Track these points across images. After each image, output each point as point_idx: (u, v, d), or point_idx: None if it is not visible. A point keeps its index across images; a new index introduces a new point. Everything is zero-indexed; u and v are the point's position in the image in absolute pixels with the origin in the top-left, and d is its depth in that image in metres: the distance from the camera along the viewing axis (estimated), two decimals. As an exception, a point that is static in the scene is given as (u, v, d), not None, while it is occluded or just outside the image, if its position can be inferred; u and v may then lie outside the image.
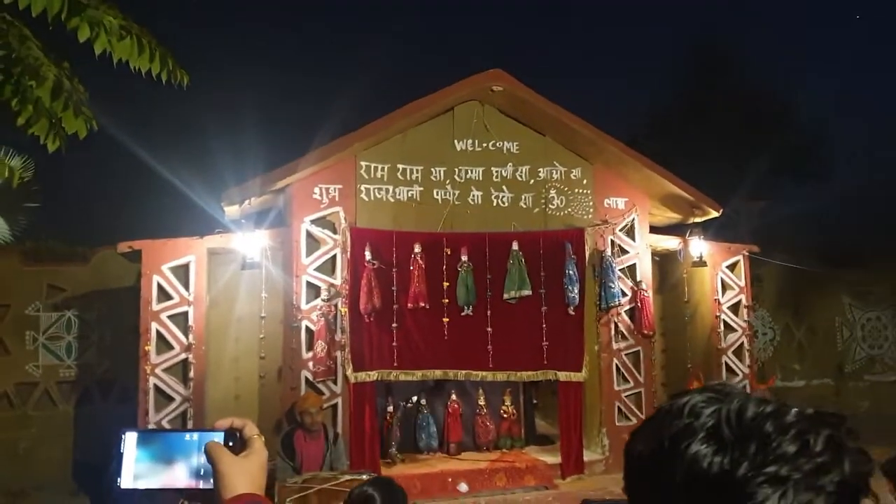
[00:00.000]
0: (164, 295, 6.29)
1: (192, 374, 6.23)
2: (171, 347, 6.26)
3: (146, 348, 6.16)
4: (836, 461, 0.61)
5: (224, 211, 6.76)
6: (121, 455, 0.86)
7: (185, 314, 6.29)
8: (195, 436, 0.89)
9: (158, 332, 6.24)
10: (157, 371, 6.19)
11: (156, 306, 6.23)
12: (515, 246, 6.86)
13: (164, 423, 6.11)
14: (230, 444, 0.88)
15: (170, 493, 0.88)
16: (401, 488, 2.11)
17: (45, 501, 6.59)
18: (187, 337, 6.27)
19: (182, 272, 6.35)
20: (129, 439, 0.88)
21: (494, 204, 7.04)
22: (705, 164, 11.78)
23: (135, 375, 6.26)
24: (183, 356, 6.25)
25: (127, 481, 0.86)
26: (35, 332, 7.54)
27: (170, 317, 6.28)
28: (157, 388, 6.18)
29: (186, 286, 6.33)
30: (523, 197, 7.13)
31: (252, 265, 6.42)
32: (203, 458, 0.87)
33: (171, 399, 6.20)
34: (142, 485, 0.86)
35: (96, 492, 6.13)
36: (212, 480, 0.87)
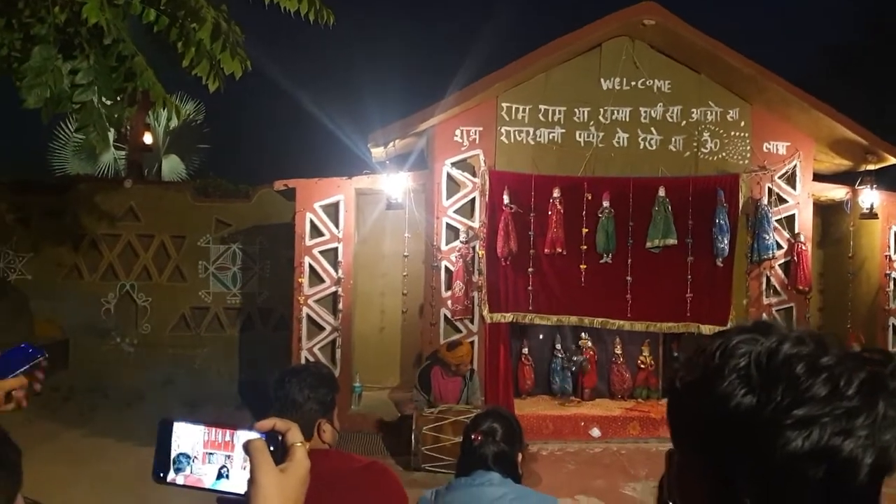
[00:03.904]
0: (316, 231, 6.53)
1: (340, 305, 6.49)
2: (322, 280, 6.52)
3: (300, 280, 6.46)
4: (870, 403, 0.60)
5: (371, 153, 6.92)
6: (165, 444, 0.80)
7: (335, 250, 6.52)
8: (233, 434, 0.81)
9: (311, 266, 6.50)
10: (310, 302, 6.49)
11: (308, 242, 6.49)
12: (662, 192, 6.52)
13: (316, 350, 6.50)
14: (271, 448, 0.78)
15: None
16: (517, 421, 2.08)
17: (213, 412, 7.25)
18: (337, 271, 6.51)
19: (332, 210, 6.56)
20: (176, 429, 0.80)
21: (641, 147, 6.71)
22: (886, 104, 10.30)
23: (290, 305, 6.59)
24: (333, 289, 6.51)
25: (171, 474, 0.80)
26: (206, 262, 8.26)
27: (321, 252, 6.53)
28: (309, 317, 6.50)
29: (336, 224, 6.54)
30: (673, 140, 6.72)
31: (396, 206, 6.56)
32: (235, 460, 0.79)
33: (321, 328, 6.51)
34: (178, 480, 0.80)
35: (258, 406, 6.69)
36: (243, 484, 0.78)
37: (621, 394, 7.11)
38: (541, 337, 7.18)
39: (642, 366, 7.17)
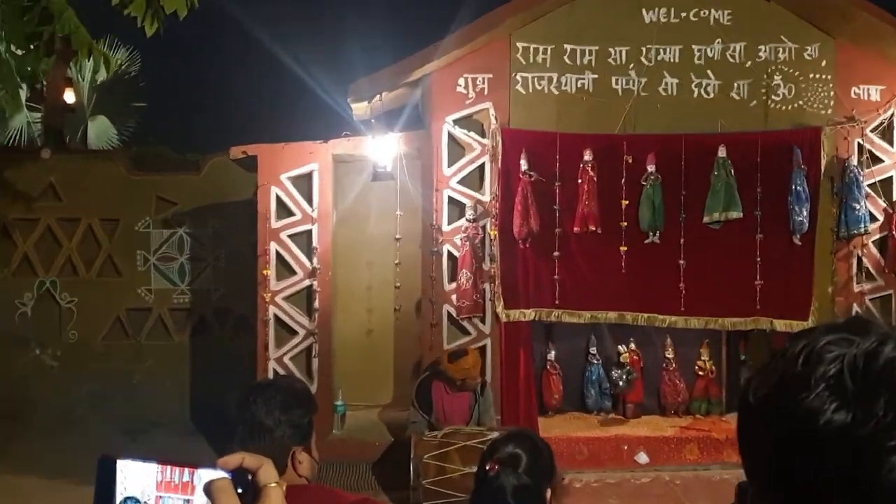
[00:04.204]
0: (284, 210, 6.58)
1: (316, 303, 6.52)
2: (293, 272, 6.58)
3: (265, 272, 6.51)
4: None
5: (352, 109, 6.94)
6: (108, 487, 0.80)
7: (309, 233, 6.57)
8: (192, 473, 0.82)
9: (278, 254, 6.55)
10: (278, 299, 6.54)
11: (275, 223, 6.54)
12: (722, 152, 6.54)
13: (287, 361, 6.58)
14: (239, 490, 0.80)
15: None
16: (547, 446, 2.10)
17: (161, 441, 7.31)
18: (311, 260, 6.55)
19: (304, 183, 6.59)
20: (121, 468, 0.81)
21: (695, 95, 6.72)
22: None
23: (253, 304, 6.66)
24: (307, 283, 6.55)
25: None
26: (145, 251, 8.30)
27: (291, 236, 6.58)
28: (277, 319, 6.55)
29: (309, 200, 6.58)
30: (736, 85, 6.72)
31: (384, 175, 6.63)
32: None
33: (293, 333, 6.57)
34: None
35: (215, 432, 6.74)
36: None
37: (674, 409, 7.15)
38: (571, 339, 7.24)
39: (700, 373, 7.21)
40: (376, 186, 6.89)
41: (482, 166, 6.63)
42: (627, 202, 6.51)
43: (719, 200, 6.50)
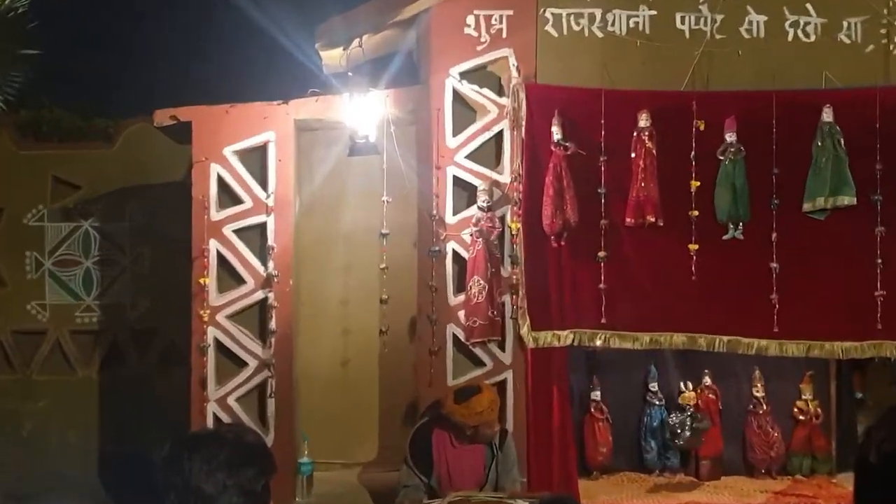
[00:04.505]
0: (228, 196, 6.56)
1: (273, 323, 6.45)
2: (241, 281, 6.53)
3: (202, 282, 6.46)
4: None
5: (321, 59, 6.96)
6: None
7: (263, 227, 6.54)
8: None
9: (221, 257, 6.52)
10: (220, 318, 6.47)
11: (216, 214, 6.50)
12: (828, 115, 6.45)
13: (232, 402, 6.49)
14: None
15: None
16: None
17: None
18: (266, 264, 6.50)
19: (256, 159, 6.59)
20: None
21: (789, 38, 6.64)
22: None
23: (186, 324, 6.61)
24: (260, 295, 6.51)
25: None
26: (38, 252, 8.23)
27: (238, 231, 6.54)
28: (220, 345, 6.49)
29: (263, 182, 6.55)
30: (846, 24, 6.62)
31: (366, 148, 6.56)
32: None
33: (241, 364, 6.50)
34: None
35: (135, 501, 6.61)
36: None
37: (766, 466, 7.11)
38: (623, 371, 7.24)
39: (801, 417, 7.18)
40: (355, 163, 6.88)
41: (499, 136, 6.58)
42: (699, 184, 6.43)
43: (825, 181, 6.43)
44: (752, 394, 7.12)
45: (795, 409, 7.13)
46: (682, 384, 7.04)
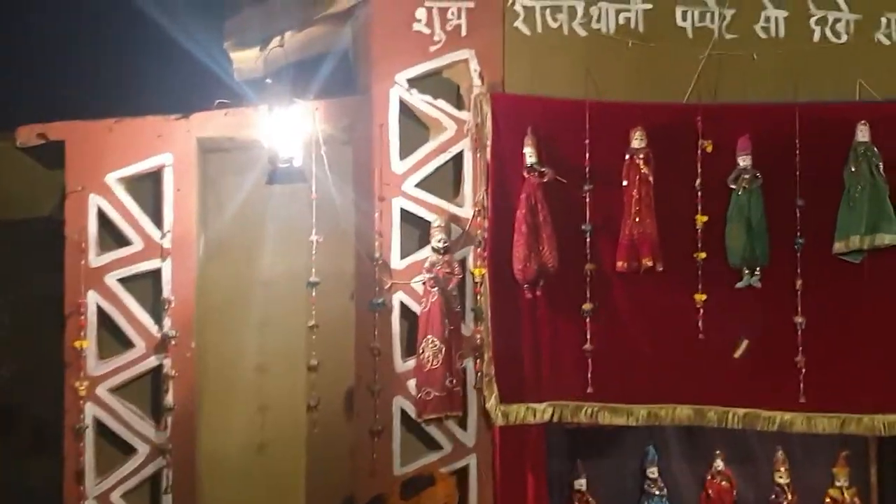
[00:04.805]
0: (112, 235, 6.56)
1: (170, 398, 6.43)
2: (128, 344, 6.53)
3: (78, 346, 6.43)
4: None
5: (231, 61, 7.06)
6: None
7: (157, 274, 6.53)
8: None
9: (103, 314, 6.50)
10: (102, 392, 6.47)
11: (96, 260, 6.52)
12: (864, 134, 6.62)
13: (116, 499, 6.43)
14: None
15: None
16: None
17: None
18: (161, 323, 6.48)
19: (148, 188, 6.62)
20: None
21: (815, 38, 6.80)
22: None
23: (59, 397, 6.54)
24: (153, 362, 6.52)
25: None
26: None
27: (125, 281, 6.52)
28: (101, 425, 6.47)
29: (157, 218, 6.57)
30: (884, 22, 6.82)
31: (289, 175, 6.57)
32: None
33: (129, 449, 6.47)
34: None
35: None
36: None
37: None
38: (615, 454, 7.25)
39: None
40: (276, 193, 6.88)
41: (459, 158, 6.66)
42: (706, 219, 6.56)
43: (860, 215, 6.54)
44: (775, 480, 7.12)
45: (828, 501, 7.12)
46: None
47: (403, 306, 6.52)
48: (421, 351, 6.42)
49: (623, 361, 6.56)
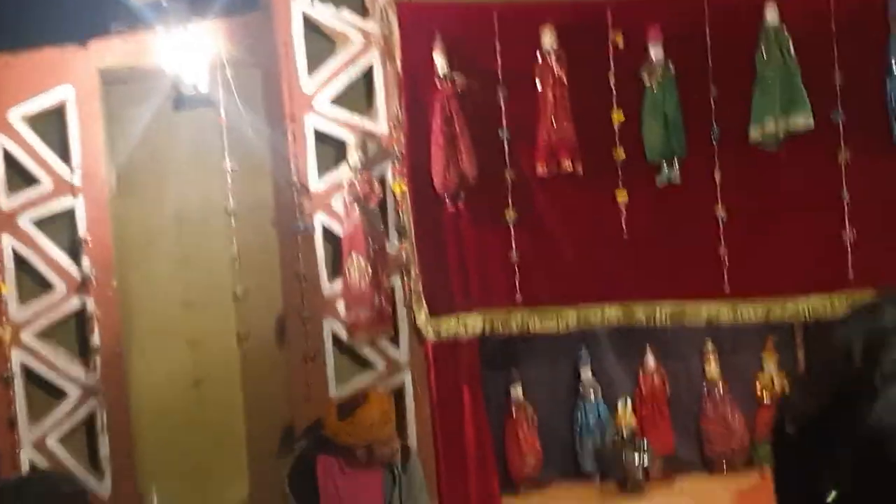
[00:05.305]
0: (19, 175, 6.47)
1: (97, 338, 6.39)
2: (47, 286, 6.48)
3: None
4: None
5: None
6: None
7: (70, 214, 6.48)
8: None
9: (20, 258, 6.45)
10: (27, 337, 6.41)
11: (7, 202, 6.42)
12: (772, 17, 6.56)
13: (52, 444, 6.39)
14: None
15: None
16: None
17: None
18: (79, 263, 6.44)
19: (51, 124, 6.51)
20: None
21: None
22: None
23: None
24: (75, 303, 6.45)
25: None
26: None
27: (39, 223, 6.46)
28: (28, 371, 6.44)
29: (64, 154, 6.48)
30: None
31: (196, 101, 6.51)
32: None
33: (60, 394, 6.45)
34: None
35: None
36: None
37: (727, 459, 7.22)
38: (549, 360, 7.31)
39: (765, 396, 7.27)
40: (184, 121, 6.79)
41: (369, 71, 6.62)
42: (622, 116, 6.56)
43: (773, 100, 6.54)
44: (705, 373, 7.22)
45: (758, 387, 7.24)
46: (619, 402, 7.12)
47: (326, 228, 6.51)
48: (347, 272, 6.42)
49: (550, 267, 6.61)
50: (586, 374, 7.16)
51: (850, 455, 0.74)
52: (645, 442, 7.01)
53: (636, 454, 6.96)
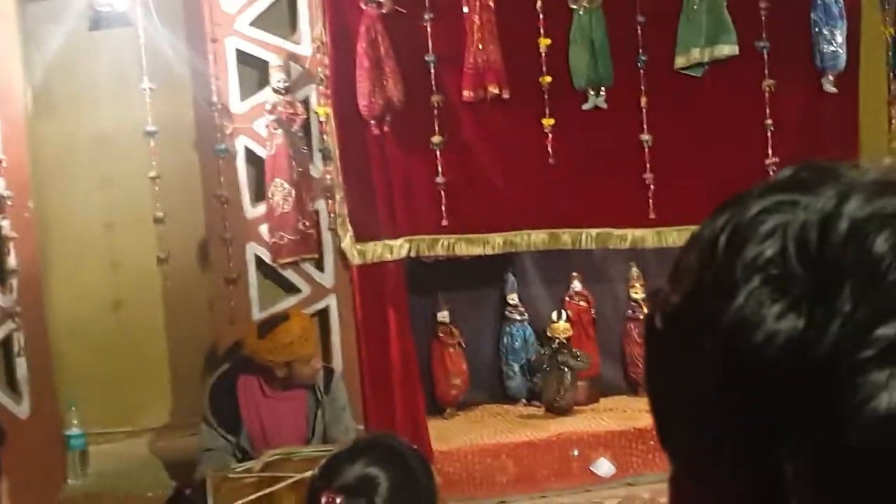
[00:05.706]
0: None
1: (13, 260, 6.32)
2: None
3: None
4: None
5: None
6: None
7: None
8: None
9: None
10: None
11: None
12: None
13: None
14: None
15: None
16: (422, 459, 2.40)
17: None
18: None
19: None
20: None
21: None
22: None
23: None
24: None
25: None
26: None
27: None
28: None
29: None
30: None
31: (112, 19, 6.36)
32: None
33: None
34: None
35: None
36: None
37: None
38: (475, 285, 7.44)
39: None
40: (102, 41, 6.70)
41: None
42: (549, 42, 6.54)
43: (699, 29, 6.60)
44: (630, 296, 7.33)
45: None
46: (553, 314, 7.18)
47: (248, 151, 6.46)
48: (270, 195, 6.38)
49: (476, 192, 6.63)
50: (513, 298, 7.27)
51: (715, 347, 0.71)
52: (577, 351, 7.07)
53: (571, 361, 7.00)
